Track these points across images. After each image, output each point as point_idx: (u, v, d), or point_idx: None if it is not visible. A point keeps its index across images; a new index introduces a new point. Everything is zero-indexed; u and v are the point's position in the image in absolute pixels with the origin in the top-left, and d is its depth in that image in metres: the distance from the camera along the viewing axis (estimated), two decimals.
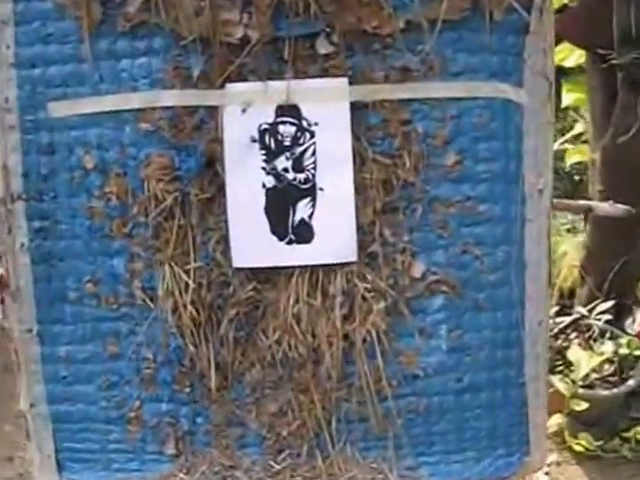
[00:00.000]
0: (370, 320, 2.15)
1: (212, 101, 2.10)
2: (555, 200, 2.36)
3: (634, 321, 4.07)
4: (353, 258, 2.12)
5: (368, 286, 2.14)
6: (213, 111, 2.11)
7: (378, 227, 2.14)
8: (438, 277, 2.17)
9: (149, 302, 2.18)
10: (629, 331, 3.98)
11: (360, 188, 2.11)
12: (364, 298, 2.15)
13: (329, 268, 2.13)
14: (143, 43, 2.10)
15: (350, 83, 2.09)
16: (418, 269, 2.17)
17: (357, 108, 2.10)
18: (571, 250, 4.75)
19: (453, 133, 2.13)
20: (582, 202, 3.29)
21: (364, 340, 2.17)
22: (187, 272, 2.15)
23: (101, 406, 2.27)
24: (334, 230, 2.12)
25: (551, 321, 4.04)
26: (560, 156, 5.05)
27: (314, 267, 2.14)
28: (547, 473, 3.59)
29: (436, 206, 2.15)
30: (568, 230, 5.17)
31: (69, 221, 2.18)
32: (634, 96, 3.92)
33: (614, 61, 3.90)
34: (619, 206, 3.08)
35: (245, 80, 2.09)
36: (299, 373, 2.19)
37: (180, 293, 2.14)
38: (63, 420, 2.30)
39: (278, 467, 2.23)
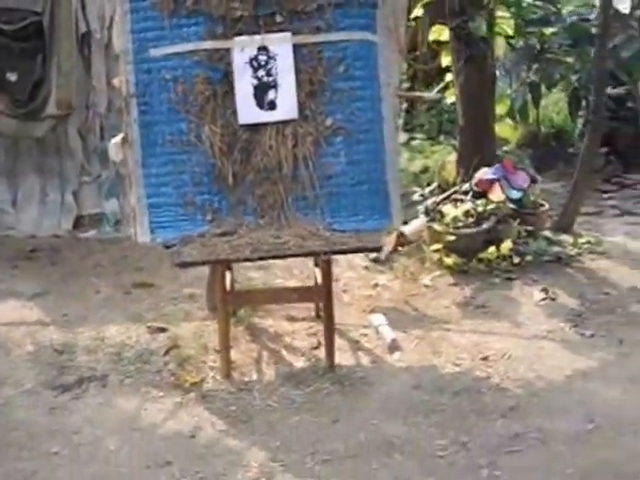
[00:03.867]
0: (306, 147, 5.17)
1: (227, 46, 5.14)
2: (400, 92, 5.40)
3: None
4: (296, 116, 5.16)
5: (303, 130, 5.16)
6: (228, 51, 5.14)
7: (308, 102, 5.17)
8: (339, 126, 5.19)
9: (199, 143, 5.18)
10: (475, 189, 7.00)
11: (298, 83, 5.14)
12: (302, 136, 5.16)
13: (285, 122, 5.17)
14: (193, 20, 5.13)
15: (292, 35, 5.13)
16: (329, 122, 5.19)
17: (296, 47, 5.14)
18: (453, 158, 7.92)
19: (342, 56, 5.17)
20: (417, 93, 6.50)
21: (304, 158, 5.18)
22: (217, 127, 5.16)
23: (173, 198, 5.23)
24: (286, 103, 5.15)
25: (434, 198, 7.14)
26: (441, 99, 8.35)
27: (277, 122, 5.17)
28: (432, 279, 6.60)
29: (337, 92, 5.19)
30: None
31: (158, 106, 5.19)
32: (459, 43, 7.17)
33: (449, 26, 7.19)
34: (434, 94, 6.22)
35: (242, 35, 5.13)
36: (272, 174, 5.19)
37: (214, 137, 5.15)
38: (154, 207, 5.25)
39: (263, 223, 5.20)
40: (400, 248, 6.94)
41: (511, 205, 6.92)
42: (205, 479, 4.41)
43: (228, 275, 5.53)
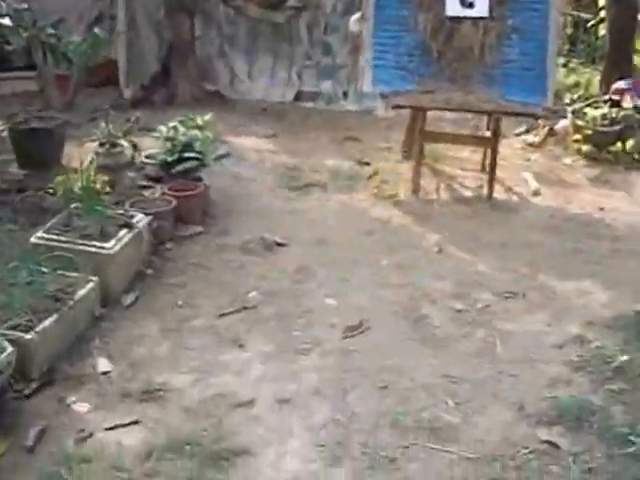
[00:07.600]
0: (491, 38, 7.35)
1: None
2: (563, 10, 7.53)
3: None
4: (486, 15, 7.35)
5: (491, 26, 7.35)
6: None
7: (496, 7, 7.35)
8: (516, 27, 7.37)
9: (415, 26, 7.40)
10: (613, 97, 9.02)
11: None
12: (489, 30, 7.36)
13: (478, 18, 7.36)
14: None
15: None
16: (509, 22, 7.37)
17: None
18: (597, 77, 10.01)
19: None
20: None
21: (489, 46, 7.37)
22: (430, 16, 7.38)
23: (392, 62, 7.47)
24: (481, 5, 7.35)
25: (581, 103, 9.22)
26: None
27: (473, 17, 7.36)
28: (571, 161, 8.68)
29: (518, 2, 7.37)
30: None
31: None
32: None
33: None
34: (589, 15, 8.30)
35: None
36: (465, 54, 7.38)
37: (427, 22, 7.37)
38: (377, 67, 7.50)
39: (454, 88, 7.39)
40: (550, 138, 9.06)
41: (638, 115, 8.92)
42: (394, 243, 6.69)
43: None
